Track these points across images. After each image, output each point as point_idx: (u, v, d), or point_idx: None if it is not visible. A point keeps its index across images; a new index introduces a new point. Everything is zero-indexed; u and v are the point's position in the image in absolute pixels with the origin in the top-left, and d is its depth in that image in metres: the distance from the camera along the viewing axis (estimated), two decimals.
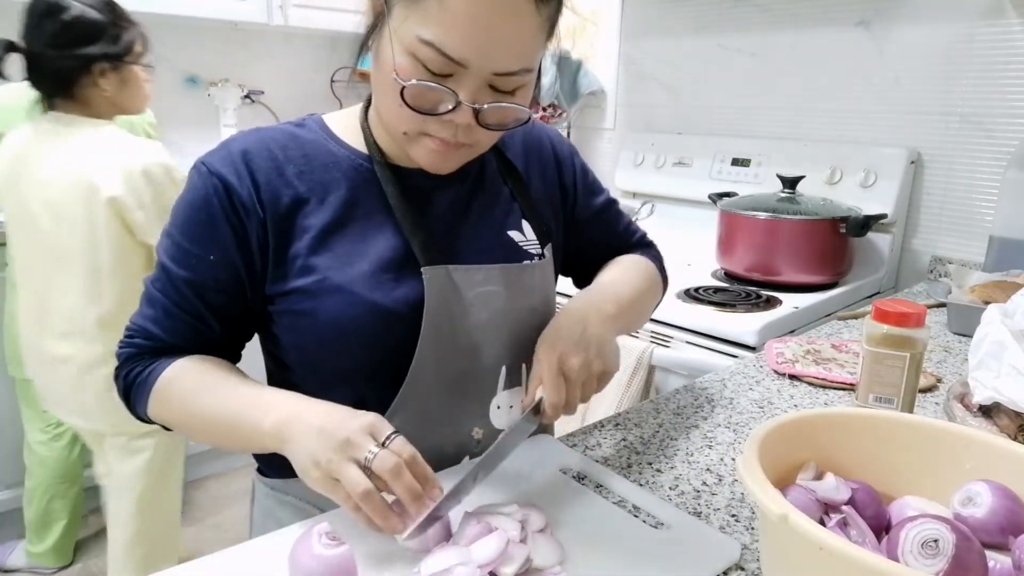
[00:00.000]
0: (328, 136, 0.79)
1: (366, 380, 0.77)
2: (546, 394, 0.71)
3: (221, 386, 0.72)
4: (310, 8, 2.73)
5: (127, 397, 0.78)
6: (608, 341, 0.76)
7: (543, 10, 0.66)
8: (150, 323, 0.76)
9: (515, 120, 0.72)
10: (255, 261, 0.74)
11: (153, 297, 0.76)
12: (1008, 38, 1.66)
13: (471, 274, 0.79)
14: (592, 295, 0.84)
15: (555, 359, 0.71)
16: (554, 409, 0.71)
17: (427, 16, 0.64)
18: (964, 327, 1.32)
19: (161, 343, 0.76)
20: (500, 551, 0.59)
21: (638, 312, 0.93)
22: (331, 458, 0.60)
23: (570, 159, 0.95)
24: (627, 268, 0.94)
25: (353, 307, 0.73)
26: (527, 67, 0.69)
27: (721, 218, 1.80)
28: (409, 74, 0.66)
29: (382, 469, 0.59)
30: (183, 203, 0.75)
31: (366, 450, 0.60)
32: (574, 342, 0.73)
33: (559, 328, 0.75)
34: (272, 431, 0.65)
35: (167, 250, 0.75)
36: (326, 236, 0.75)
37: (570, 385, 0.71)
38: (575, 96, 2.58)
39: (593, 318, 0.77)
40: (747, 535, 0.70)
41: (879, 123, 1.89)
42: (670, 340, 1.54)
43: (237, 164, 0.73)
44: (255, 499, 0.90)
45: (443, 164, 0.74)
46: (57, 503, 2.04)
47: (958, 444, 0.63)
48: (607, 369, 0.74)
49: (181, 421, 0.75)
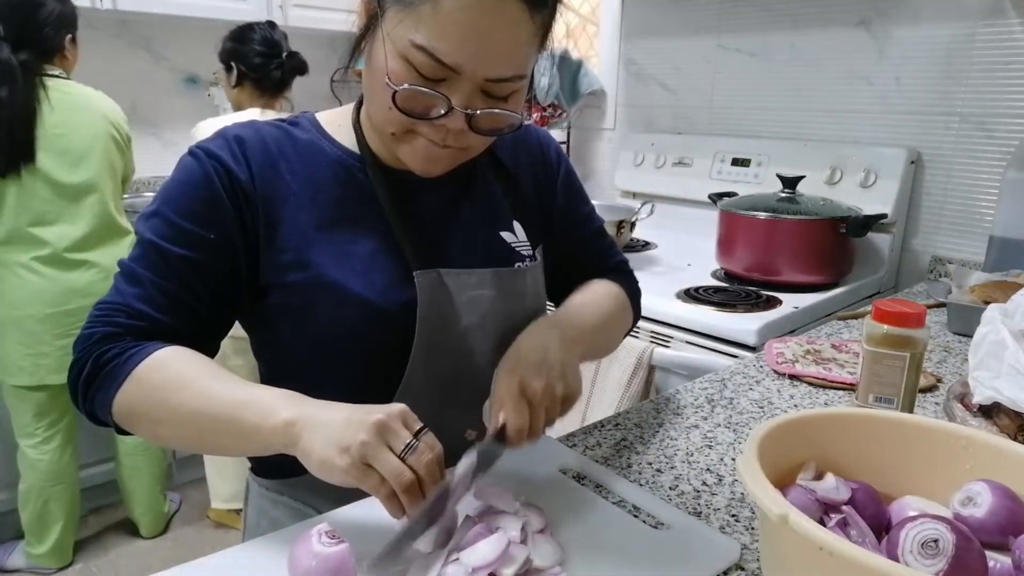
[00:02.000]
0: (321, 135, 0.79)
1: (358, 381, 0.76)
2: (509, 418, 0.68)
3: (212, 381, 0.66)
4: (310, 8, 2.73)
5: (89, 383, 0.69)
6: (570, 364, 0.74)
7: (537, 17, 0.66)
8: (136, 301, 0.69)
9: (508, 126, 0.72)
10: (251, 245, 0.73)
11: (137, 275, 0.70)
12: (1008, 38, 1.65)
13: (463, 278, 0.79)
14: (555, 319, 0.81)
15: (516, 383, 0.69)
16: (518, 433, 0.68)
17: (421, 21, 0.63)
18: (964, 327, 1.32)
19: (147, 320, 0.70)
20: (501, 553, 0.59)
21: (604, 339, 0.91)
22: (365, 441, 0.57)
23: (557, 160, 0.93)
24: (596, 294, 0.91)
25: (347, 305, 0.73)
26: (520, 74, 0.68)
27: (721, 218, 1.80)
28: (402, 78, 0.66)
29: (419, 463, 0.58)
30: (178, 183, 0.73)
31: (404, 438, 0.58)
32: (535, 365, 0.71)
33: (520, 352, 0.73)
34: (281, 428, 0.61)
35: (157, 230, 0.71)
36: (317, 233, 0.74)
37: (533, 409, 0.69)
38: (575, 96, 2.58)
39: (554, 342, 0.75)
40: (747, 535, 0.70)
41: (879, 123, 1.89)
42: (670, 340, 1.54)
43: (233, 149, 0.73)
44: (249, 499, 0.90)
45: (432, 167, 0.74)
46: (52, 505, 2.04)
47: (958, 444, 0.63)
48: (570, 393, 0.72)
49: (156, 414, 0.67)
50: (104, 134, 1.89)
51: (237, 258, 0.73)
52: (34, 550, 2.07)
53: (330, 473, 0.59)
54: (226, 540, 2.30)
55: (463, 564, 0.59)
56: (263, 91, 2.10)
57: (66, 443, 2.03)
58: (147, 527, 2.28)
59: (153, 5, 2.39)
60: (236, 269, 0.73)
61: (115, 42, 2.69)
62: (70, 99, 1.82)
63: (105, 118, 1.89)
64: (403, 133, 0.71)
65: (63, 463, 2.03)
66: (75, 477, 2.09)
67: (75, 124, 1.82)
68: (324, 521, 0.67)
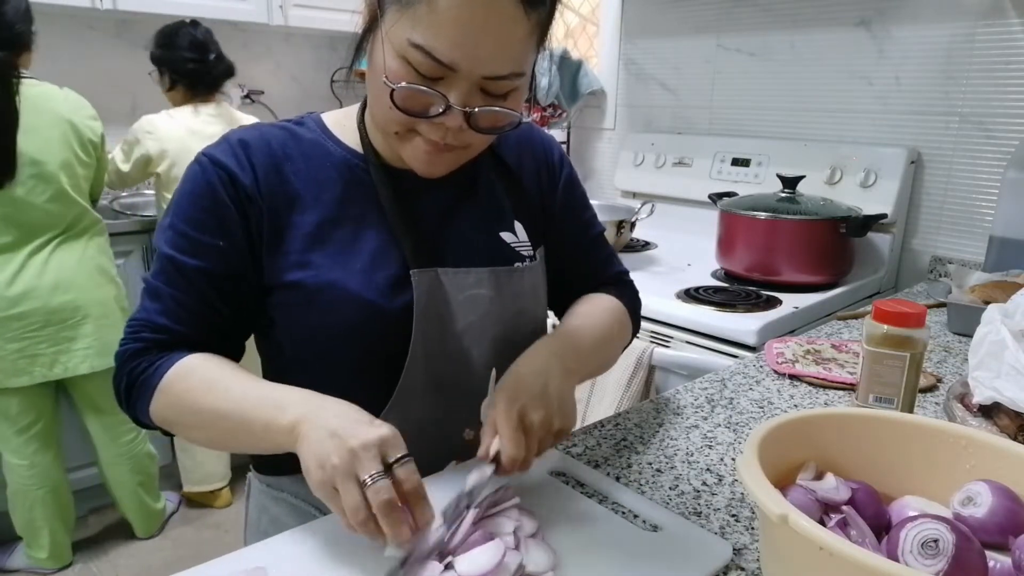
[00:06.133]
0: (326, 135, 0.80)
1: (357, 379, 0.77)
2: (505, 448, 0.67)
3: (231, 383, 0.70)
4: (310, 8, 2.73)
5: (128, 396, 0.75)
6: (568, 396, 0.74)
7: (533, 15, 0.66)
8: (158, 316, 0.74)
9: (508, 124, 0.72)
10: (257, 247, 0.74)
11: (157, 290, 0.74)
12: (1008, 38, 1.65)
13: (460, 277, 0.79)
14: (555, 345, 0.79)
15: (515, 413, 0.68)
16: (512, 463, 0.67)
17: (417, 20, 0.64)
18: (964, 327, 1.32)
19: (168, 333, 0.74)
20: (498, 562, 0.58)
21: (602, 359, 0.90)
22: (335, 465, 0.58)
23: (560, 164, 0.93)
24: (596, 312, 0.90)
25: (346, 304, 0.73)
26: (518, 71, 0.68)
27: (721, 218, 1.80)
28: (399, 77, 0.66)
29: (374, 500, 0.57)
30: (186, 195, 0.74)
31: (369, 471, 0.57)
32: (536, 397, 0.70)
33: (520, 379, 0.72)
34: (288, 428, 0.63)
35: (172, 242, 0.74)
36: (319, 233, 0.75)
37: (529, 440, 0.68)
38: (575, 96, 2.58)
39: (555, 372, 0.74)
40: (747, 535, 0.70)
41: (879, 123, 1.89)
42: (670, 340, 1.54)
43: (237, 153, 0.74)
44: (250, 495, 0.91)
45: (434, 167, 0.74)
46: (37, 510, 2.01)
47: (958, 444, 0.63)
48: (565, 427, 0.72)
49: (186, 419, 0.72)
50: (60, 137, 1.80)
51: (247, 260, 0.74)
52: (33, 552, 2.06)
53: (308, 482, 0.60)
54: (225, 540, 2.30)
55: (458, 573, 0.58)
56: (196, 92, 2.16)
57: (45, 447, 1.99)
58: (140, 528, 2.27)
59: (153, 5, 2.39)
60: (248, 271, 0.75)
61: (115, 42, 2.69)
62: (29, 101, 1.73)
63: (63, 119, 1.81)
64: (405, 133, 0.71)
65: (44, 467, 1.99)
66: (61, 480, 2.05)
67: (31, 127, 1.73)
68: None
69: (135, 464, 2.18)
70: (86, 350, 1.91)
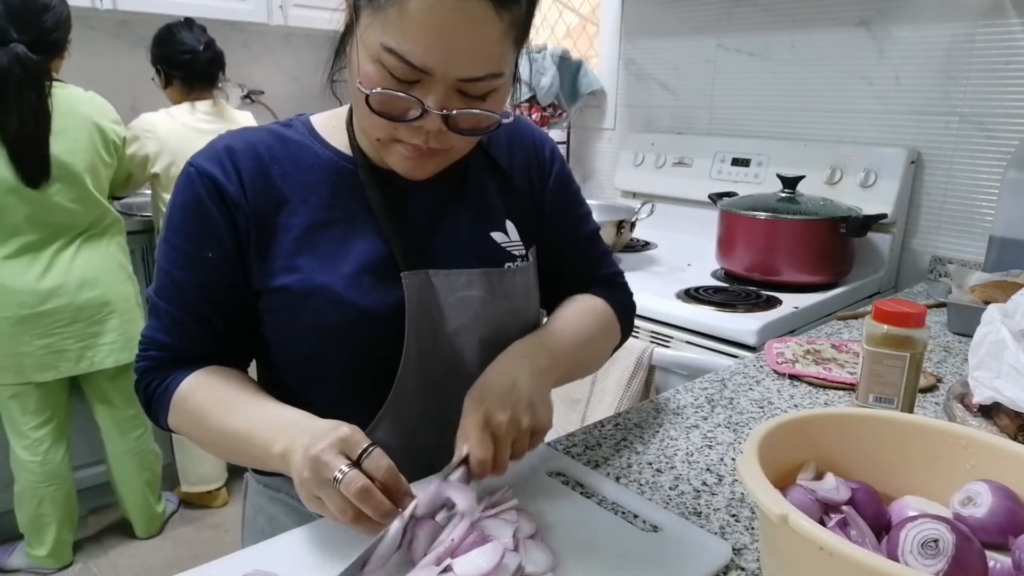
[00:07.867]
0: (313, 138, 0.79)
1: (349, 382, 0.77)
2: (472, 451, 0.66)
3: (233, 403, 0.72)
4: (310, 8, 2.73)
5: (149, 411, 0.79)
6: (540, 395, 0.73)
7: (506, 15, 0.65)
8: (159, 333, 0.76)
9: (489, 125, 0.71)
10: (244, 252, 0.74)
11: (158, 307, 0.76)
12: (1008, 38, 1.65)
13: (451, 278, 0.78)
14: (527, 347, 0.79)
15: (481, 415, 0.68)
16: (481, 466, 0.66)
17: (388, 24, 0.63)
18: (964, 327, 1.32)
19: (172, 351, 0.76)
20: (497, 564, 0.58)
21: (584, 360, 0.88)
22: (308, 478, 0.59)
23: (551, 159, 0.91)
24: (577, 313, 0.89)
25: (335, 308, 0.73)
26: (495, 72, 0.67)
27: (721, 218, 1.80)
28: (375, 81, 0.66)
29: (348, 493, 0.58)
30: (177, 207, 0.75)
31: (335, 470, 0.58)
32: (501, 396, 0.70)
33: (486, 382, 0.72)
34: (279, 456, 0.65)
35: (166, 256, 0.75)
36: (308, 236, 0.75)
37: (498, 442, 0.68)
38: (575, 96, 2.58)
39: (524, 372, 0.74)
40: (747, 535, 0.70)
41: (879, 123, 1.89)
42: (670, 340, 1.54)
43: (223, 159, 0.74)
44: (247, 495, 0.91)
45: (417, 170, 0.73)
46: (46, 507, 2.03)
47: (958, 444, 0.63)
48: (537, 425, 0.71)
49: (199, 437, 0.75)
50: (87, 140, 1.85)
51: (238, 269, 0.75)
52: (34, 551, 2.07)
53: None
54: (225, 540, 2.31)
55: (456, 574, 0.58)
56: (192, 87, 2.19)
57: (57, 444, 2.02)
58: (141, 528, 2.28)
59: (153, 5, 2.39)
60: (240, 279, 0.75)
61: (115, 42, 2.69)
62: (59, 104, 1.79)
63: (91, 122, 1.86)
64: (388, 139, 0.71)
65: (55, 464, 2.02)
66: (69, 478, 2.07)
67: (61, 129, 1.79)
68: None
69: (142, 460, 2.20)
70: (111, 344, 1.97)
